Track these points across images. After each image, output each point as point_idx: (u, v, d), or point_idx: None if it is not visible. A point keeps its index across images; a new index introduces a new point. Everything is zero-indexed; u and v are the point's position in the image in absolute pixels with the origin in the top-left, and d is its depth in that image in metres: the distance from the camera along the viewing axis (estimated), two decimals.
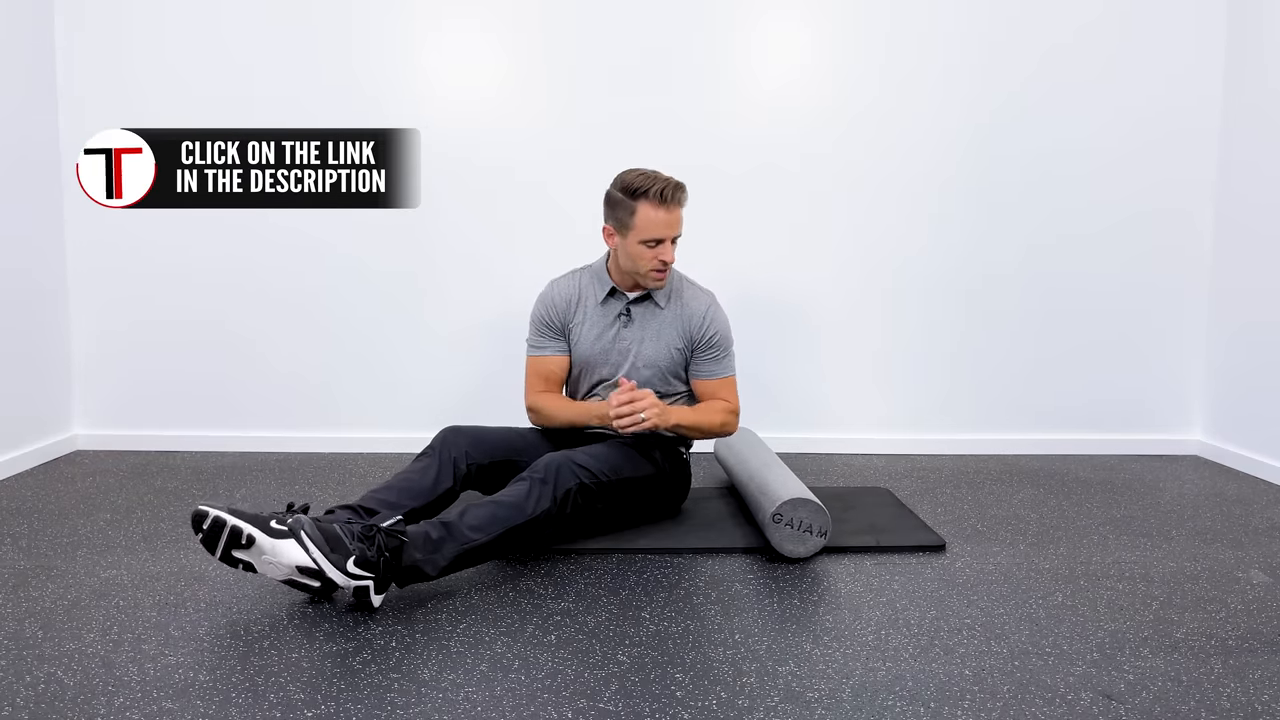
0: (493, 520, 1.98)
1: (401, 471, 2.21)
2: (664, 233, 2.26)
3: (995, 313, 3.38)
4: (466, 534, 1.94)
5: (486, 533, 1.96)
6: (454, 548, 1.92)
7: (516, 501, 2.03)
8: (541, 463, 2.12)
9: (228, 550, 1.78)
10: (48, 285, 3.12)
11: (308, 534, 1.76)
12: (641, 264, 2.30)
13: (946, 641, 1.74)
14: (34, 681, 1.53)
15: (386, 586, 1.84)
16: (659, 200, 2.23)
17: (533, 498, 2.05)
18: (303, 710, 1.45)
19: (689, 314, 2.39)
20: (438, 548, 1.89)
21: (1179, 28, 3.29)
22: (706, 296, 2.44)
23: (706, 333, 2.39)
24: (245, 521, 1.77)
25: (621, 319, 2.41)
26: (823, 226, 3.32)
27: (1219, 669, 1.64)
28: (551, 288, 2.47)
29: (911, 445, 3.40)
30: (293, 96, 3.18)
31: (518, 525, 2.01)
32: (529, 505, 2.04)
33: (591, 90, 3.24)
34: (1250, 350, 3.20)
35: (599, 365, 2.43)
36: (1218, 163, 3.33)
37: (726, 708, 1.48)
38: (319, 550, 1.76)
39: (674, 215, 2.27)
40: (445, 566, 1.91)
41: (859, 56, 3.27)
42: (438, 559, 1.89)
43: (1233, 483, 3.02)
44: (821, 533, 2.16)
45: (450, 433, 2.30)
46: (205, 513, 1.78)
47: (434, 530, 1.91)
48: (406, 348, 3.31)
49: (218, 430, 3.30)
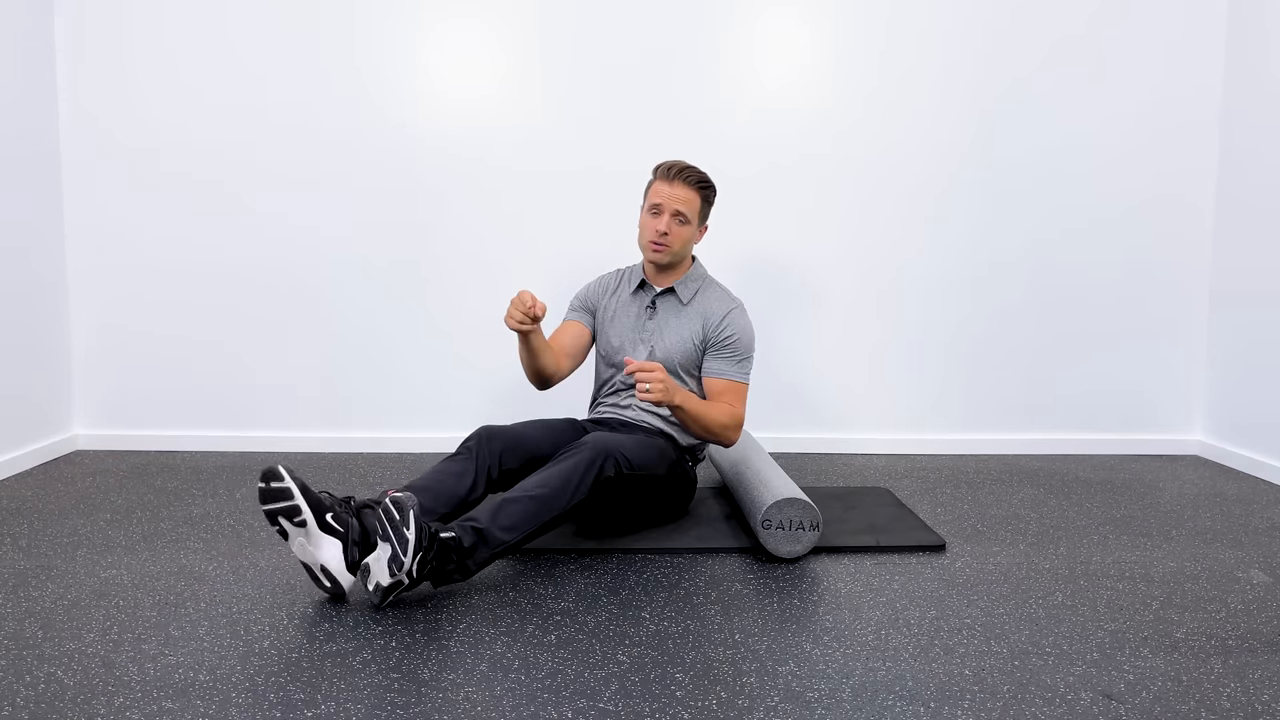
0: (525, 519, 1.99)
1: (435, 470, 2.18)
2: (663, 199, 2.38)
3: (995, 313, 3.38)
4: (500, 536, 1.95)
5: (519, 532, 1.98)
6: (486, 553, 1.93)
7: (552, 496, 2.03)
8: (589, 444, 2.11)
9: (276, 514, 1.84)
10: (48, 284, 3.12)
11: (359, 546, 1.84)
12: (644, 234, 2.43)
13: (946, 641, 1.74)
14: (34, 681, 1.53)
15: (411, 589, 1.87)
16: (665, 175, 2.40)
17: (570, 488, 2.05)
18: (303, 710, 1.45)
19: (709, 311, 2.45)
20: (470, 554, 1.90)
21: (1178, 19, 3.29)
22: (732, 301, 2.48)
23: (723, 331, 2.42)
24: (307, 504, 1.83)
25: (648, 310, 2.50)
26: (822, 225, 3.32)
27: (1219, 669, 1.64)
28: (598, 278, 2.65)
29: (911, 445, 3.40)
30: (294, 95, 3.18)
31: (549, 519, 2.03)
32: (565, 498, 2.04)
33: (590, 89, 3.24)
34: (1250, 350, 3.20)
35: (621, 352, 2.52)
36: (1218, 159, 3.33)
37: (726, 708, 1.48)
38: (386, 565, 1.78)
39: (676, 190, 2.37)
40: (476, 570, 1.94)
41: (856, 54, 3.26)
42: (469, 565, 1.91)
43: (1233, 483, 3.02)
44: (813, 526, 2.16)
45: (485, 434, 2.26)
46: (279, 474, 1.83)
47: (466, 537, 1.90)
48: (409, 345, 3.31)
49: (218, 430, 3.30)
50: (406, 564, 1.76)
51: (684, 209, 2.38)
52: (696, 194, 2.39)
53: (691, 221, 2.41)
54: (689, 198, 2.38)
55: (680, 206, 2.37)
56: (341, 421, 3.32)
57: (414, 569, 1.78)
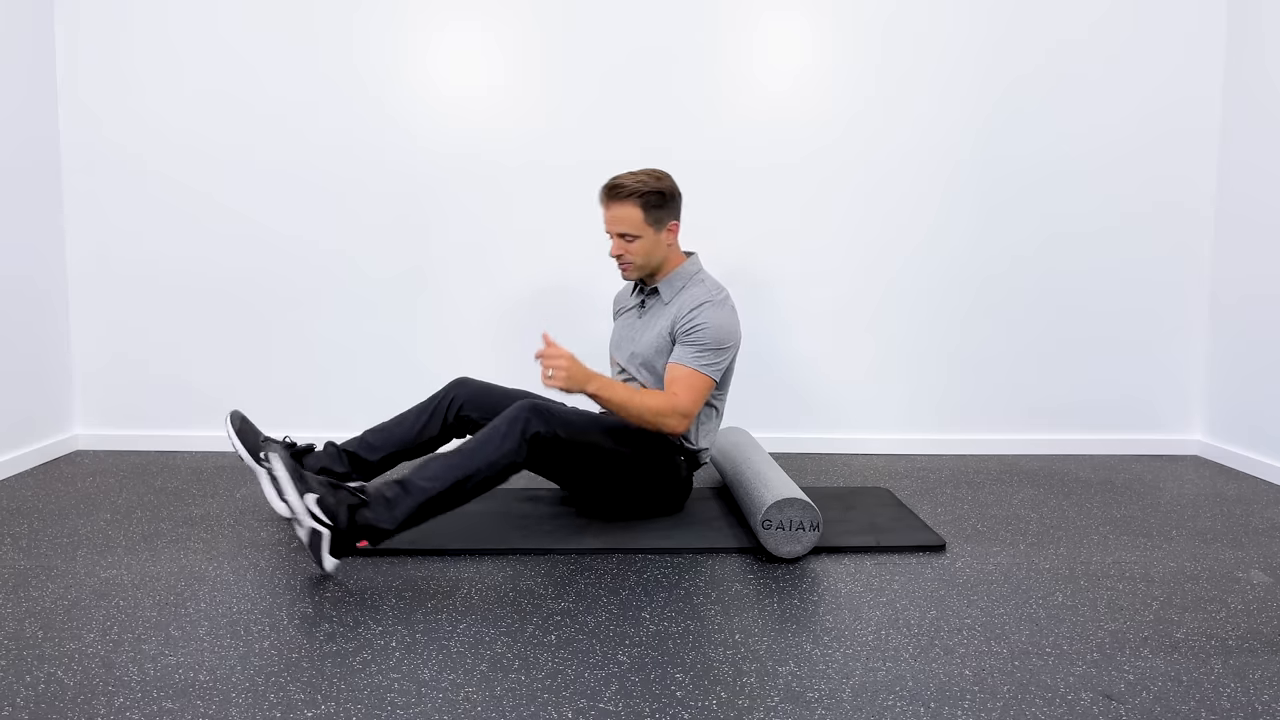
0: (448, 469, 2.08)
1: (399, 414, 2.47)
2: (607, 224, 2.41)
3: (995, 312, 3.38)
4: (422, 486, 2.05)
5: (442, 481, 2.06)
6: (410, 502, 2.04)
7: (476, 447, 2.11)
8: (514, 405, 2.19)
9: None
10: (48, 285, 3.12)
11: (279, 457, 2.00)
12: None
13: (946, 641, 1.74)
14: (34, 681, 1.53)
15: (343, 548, 1.98)
16: (602, 200, 2.41)
17: (495, 440, 2.11)
18: (303, 710, 1.45)
19: (681, 304, 2.41)
20: (394, 505, 2.02)
21: (1179, 26, 3.29)
22: (710, 295, 2.40)
23: (690, 321, 2.36)
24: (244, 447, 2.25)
25: (638, 310, 2.55)
26: (822, 225, 3.32)
27: (1219, 669, 1.64)
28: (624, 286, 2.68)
29: (911, 445, 3.40)
30: (294, 96, 3.18)
31: (473, 471, 2.08)
32: (489, 450, 2.10)
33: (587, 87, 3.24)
34: (1251, 350, 3.20)
35: (615, 350, 2.59)
36: (1218, 163, 3.34)
37: (726, 708, 1.48)
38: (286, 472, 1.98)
39: (613, 211, 2.38)
40: (404, 520, 2.03)
41: (857, 55, 3.26)
42: (395, 514, 2.02)
43: (1233, 483, 3.02)
44: (813, 526, 2.16)
45: (456, 382, 2.50)
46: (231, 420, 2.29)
47: (389, 490, 2.04)
48: (408, 345, 3.31)
49: (218, 430, 3.29)
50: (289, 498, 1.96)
51: (626, 228, 2.36)
52: (634, 206, 2.34)
53: (641, 234, 2.36)
54: (626, 214, 2.35)
55: (621, 227, 2.36)
56: (341, 422, 3.32)
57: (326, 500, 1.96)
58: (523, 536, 2.29)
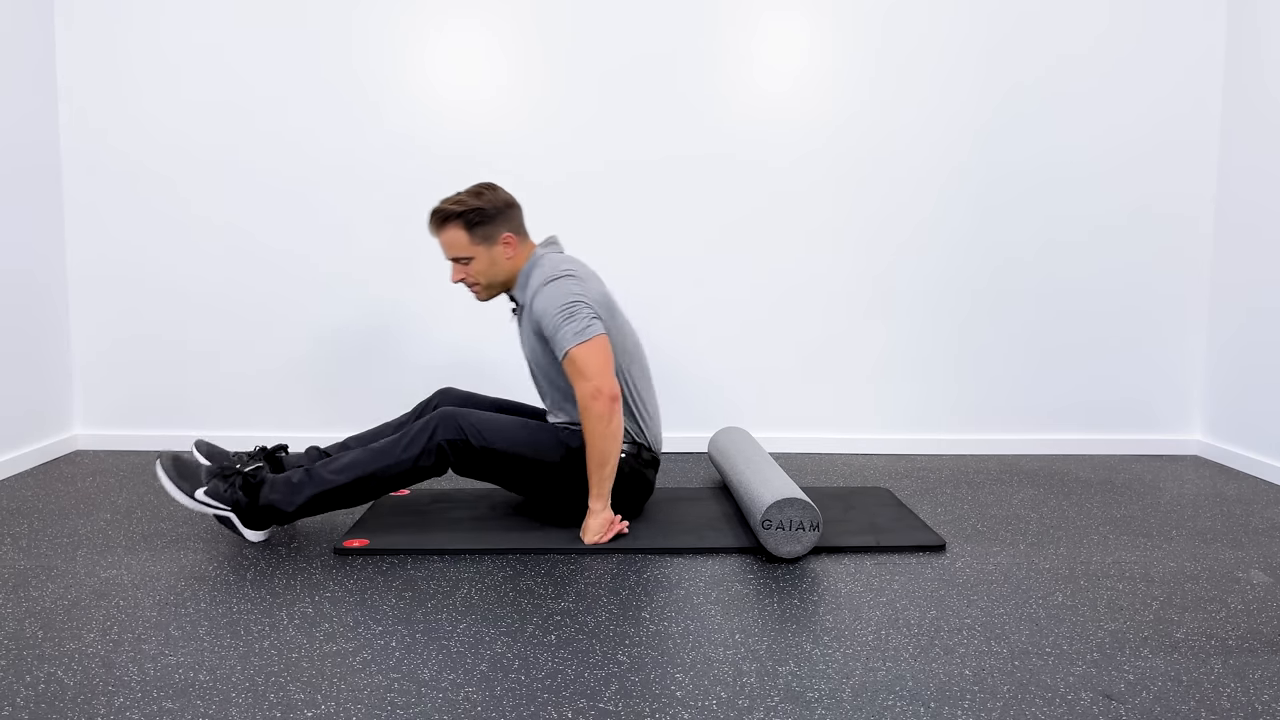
0: (353, 465, 2.18)
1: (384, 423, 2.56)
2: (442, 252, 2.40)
3: (996, 312, 3.38)
4: (326, 477, 2.17)
5: (346, 475, 2.17)
6: (311, 489, 2.16)
7: (386, 448, 2.20)
8: (437, 411, 2.25)
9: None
10: (48, 285, 3.13)
11: (163, 465, 2.14)
12: None
13: (946, 641, 1.74)
14: (34, 681, 1.53)
15: (257, 523, 2.18)
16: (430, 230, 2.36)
17: (403, 443, 2.20)
18: (303, 710, 1.45)
19: (531, 301, 2.30)
20: (297, 490, 2.16)
21: (1179, 34, 3.29)
22: (544, 277, 2.28)
23: (539, 313, 2.26)
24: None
25: (516, 323, 2.57)
26: (822, 225, 3.32)
27: (1219, 669, 1.64)
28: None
29: (911, 445, 3.41)
30: (293, 99, 3.18)
31: (378, 470, 2.18)
32: (397, 451, 2.19)
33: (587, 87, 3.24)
34: (1250, 350, 3.20)
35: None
36: (1218, 166, 3.34)
37: (726, 708, 1.48)
38: (169, 479, 2.13)
39: (440, 238, 2.33)
40: (302, 506, 2.16)
41: (856, 58, 3.26)
42: (295, 499, 2.15)
43: (1233, 483, 3.02)
44: (813, 526, 2.16)
45: (440, 393, 2.55)
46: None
47: (296, 475, 2.16)
48: (406, 345, 3.31)
49: (218, 431, 3.30)
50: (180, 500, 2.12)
51: (457, 252, 2.30)
52: (457, 228, 2.28)
53: (473, 254, 2.30)
54: (452, 239, 2.29)
55: (452, 252, 2.31)
56: (340, 423, 3.32)
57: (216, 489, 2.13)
58: (523, 536, 2.29)
